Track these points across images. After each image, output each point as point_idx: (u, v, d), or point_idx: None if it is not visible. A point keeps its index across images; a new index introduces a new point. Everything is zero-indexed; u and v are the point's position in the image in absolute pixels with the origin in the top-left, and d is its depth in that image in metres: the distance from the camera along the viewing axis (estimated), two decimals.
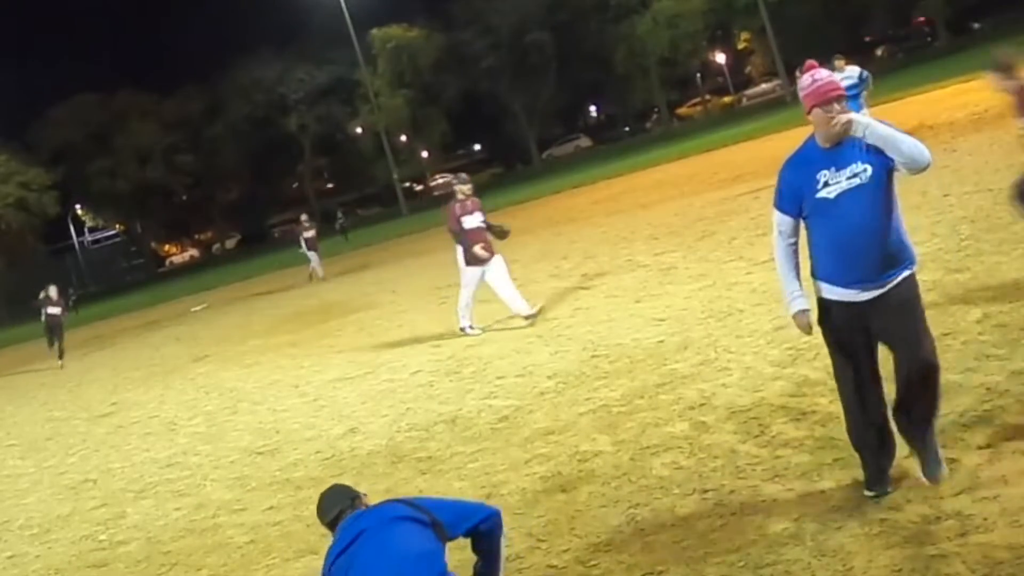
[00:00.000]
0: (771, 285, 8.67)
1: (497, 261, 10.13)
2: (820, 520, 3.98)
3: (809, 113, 3.91)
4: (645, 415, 5.96)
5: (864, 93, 15.35)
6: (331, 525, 3.63)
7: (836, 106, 3.86)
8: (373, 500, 5.70)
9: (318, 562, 5.08)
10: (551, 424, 6.31)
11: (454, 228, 10.06)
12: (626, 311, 9.40)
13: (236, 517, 6.20)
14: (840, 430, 4.87)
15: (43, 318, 19.76)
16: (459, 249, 10.18)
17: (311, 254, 24.09)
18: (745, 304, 8.19)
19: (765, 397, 5.67)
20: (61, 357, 19.07)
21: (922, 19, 59.73)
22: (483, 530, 3.62)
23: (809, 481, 4.37)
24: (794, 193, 3.98)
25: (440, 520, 3.43)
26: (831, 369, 4.16)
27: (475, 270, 10.10)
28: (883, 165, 3.83)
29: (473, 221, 10.03)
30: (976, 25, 55.58)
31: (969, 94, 21.66)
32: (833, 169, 3.85)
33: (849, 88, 15.13)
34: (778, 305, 7.83)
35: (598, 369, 7.40)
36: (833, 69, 16.05)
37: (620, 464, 5.23)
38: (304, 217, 25.08)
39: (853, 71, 15.47)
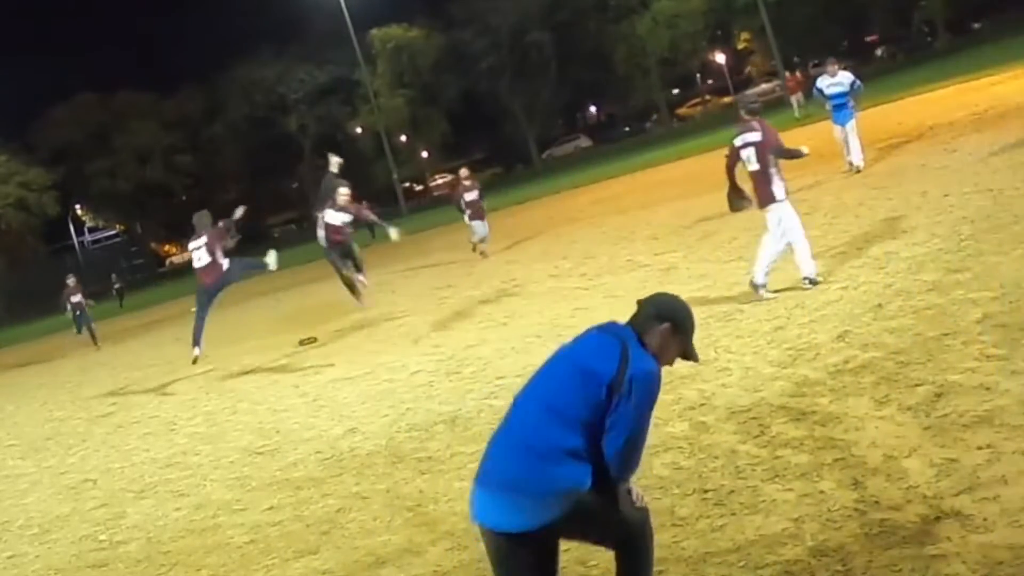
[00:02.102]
0: (771, 285, 8.66)
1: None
2: (820, 520, 3.98)
3: None
4: None
5: (851, 99, 15.23)
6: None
7: None
8: (373, 501, 5.76)
9: (318, 562, 5.10)
10: None
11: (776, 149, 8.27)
12: (626, 311, 9.37)
13: (236, 517, 6.20)
14: (840, 430, 4.88)
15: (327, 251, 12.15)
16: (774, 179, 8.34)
17: (476, 224, 18.13)
18: (745, 304, 8.18)
19: (765, 397, 5.67)
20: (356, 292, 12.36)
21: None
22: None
23: (809, 481, 4.37)
24: None
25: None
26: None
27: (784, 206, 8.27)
28: None
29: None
30: (976, 25, 55.62)
31: (969, 94, 21.68)
32: None
33: (838, 95, 15.10)
34: (778, 305, 7.85)
35: None
36: (824, 72, 15.78)
37: None
38: (464, 173, 19.05)
39: (845, 78, 15.27)
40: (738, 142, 8.52)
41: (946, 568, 3.38)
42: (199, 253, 11.89)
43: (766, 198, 8.42)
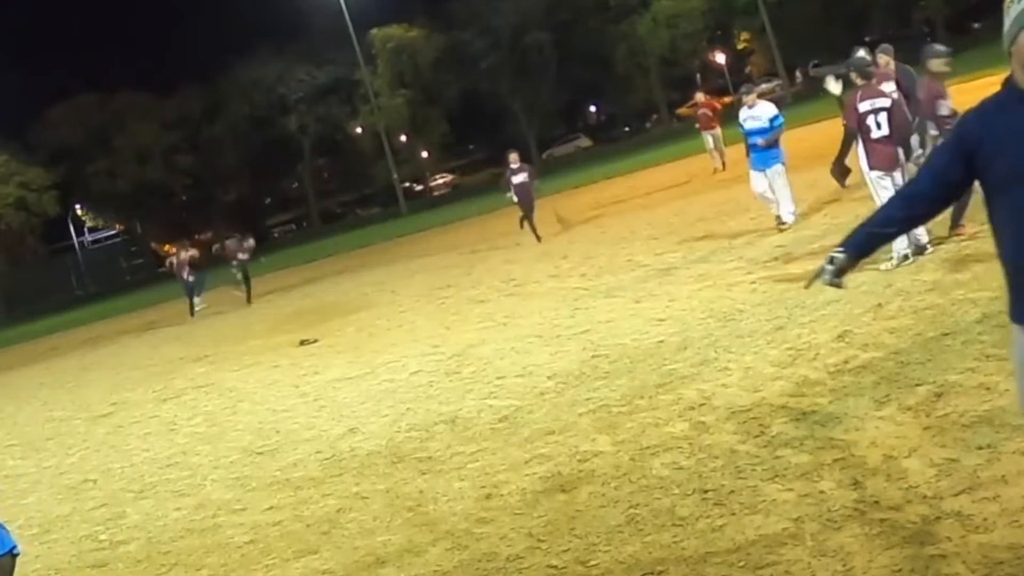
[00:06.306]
0: (771, 285, 8.68)
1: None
2: (820, 520, 3.97)
3: None
4: (645, 415, 5.96)
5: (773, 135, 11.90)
6: None
7: None
8: (373, 501, 5.75)
9: (318, 562, 5.11)
10: (551, 424, 6.31)
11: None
12: (626, 311, 9.40)
13: (236, 517, 6.20)
14: (840, 430, 4.88)
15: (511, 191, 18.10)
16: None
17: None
18: (745, 304, 8.18)
19: (765, 397, 5.67)
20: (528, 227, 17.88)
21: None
22: None
23: (809, 481, 4.37)
24: None
25: None
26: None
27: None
28: None
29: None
30: (976, 25, 55.63)
31: (969, 94, 21.64)
32: None
33: (754, 132, 11.93)
34: (778, 305, 7.85)
35: (598, 369, 7.39)
36: (741, 104, 12.55)
37: (620, 464, 5.23)
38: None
39: (764, 111, 11.97)
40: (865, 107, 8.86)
41: (946, 568, 3.38)
42: None
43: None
